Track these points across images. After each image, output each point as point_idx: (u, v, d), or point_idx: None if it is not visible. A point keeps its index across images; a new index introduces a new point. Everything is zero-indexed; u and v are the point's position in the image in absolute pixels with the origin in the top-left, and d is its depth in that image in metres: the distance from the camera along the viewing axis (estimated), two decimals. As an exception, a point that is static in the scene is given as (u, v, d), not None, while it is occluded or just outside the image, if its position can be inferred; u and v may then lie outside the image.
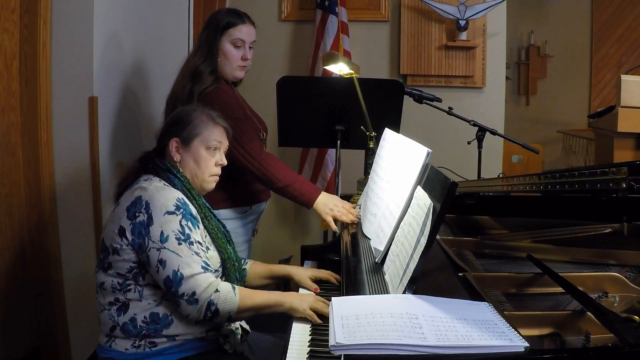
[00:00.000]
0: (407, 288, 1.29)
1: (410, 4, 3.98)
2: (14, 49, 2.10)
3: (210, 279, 1.56)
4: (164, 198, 1.59)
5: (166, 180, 1.67)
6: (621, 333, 1.08)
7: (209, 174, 1.76)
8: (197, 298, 1.53)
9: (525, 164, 4.94)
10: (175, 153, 1.72)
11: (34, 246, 2.21)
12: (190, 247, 1.56)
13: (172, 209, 1.58)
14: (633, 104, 2.72)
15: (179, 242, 1.55)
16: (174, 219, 1.57)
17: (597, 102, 5.74)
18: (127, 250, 1.58)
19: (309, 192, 2.16)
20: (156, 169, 1.69)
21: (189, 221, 1.60)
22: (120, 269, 1.59)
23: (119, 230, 1.58)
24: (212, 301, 1.53)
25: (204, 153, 1.74)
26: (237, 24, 2.24)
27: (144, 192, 1.60)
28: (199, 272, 1.55)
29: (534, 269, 1.55)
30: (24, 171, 2.17)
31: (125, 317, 1.59)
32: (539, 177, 1.51)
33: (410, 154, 1.64)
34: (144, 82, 2.79)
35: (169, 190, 1.63)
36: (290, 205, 3.90)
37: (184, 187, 1.68)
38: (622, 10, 5.69)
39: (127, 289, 1.60)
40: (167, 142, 1.73)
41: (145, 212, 1.57)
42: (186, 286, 1.53)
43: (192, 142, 1.73)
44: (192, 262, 1.55)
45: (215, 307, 1.53)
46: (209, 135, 1.74)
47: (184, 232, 1.57)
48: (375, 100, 2.49)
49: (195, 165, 1.73)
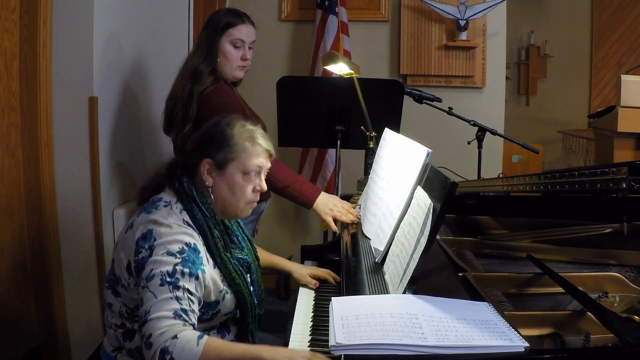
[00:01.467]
0: (407, 288, 1.29)
1: (410, 4, 3.98)
2: (14, 49, 2.10)
3: (171, 322, 1.31)
4: (172, 239, 1.43)
5: (188, 212, 1.50)
6: (621, 333, 1.08)
7: (244, 202, 1.57)
8: (151, 342, 1.29)
9: (525, 164, 4.94)
10: (207, 177, 1.53)
11: (34, 246, 2.21)
12: (172, 291, 1.36)
13: (174, 251, 1.41)
14: (633, 104, 2.72)
15: (161, 284, 1.36)
16: (171, 260, 1.39)
17: (597, 102, 5.74)
18: (134, 289, 1.46)
19: (309, 192, 2.16)
20: (181, 192, 1.52)
21: (187, 268, 1.40)
22: (127, 303, 1.51)
23: (127, 265, 1.48)
24: (167, 349, 1.26)
25: (240, 180, 1.54)
26: (236, 24, 2.24)
27: (157, 227, 1.45)
28: (165, 317, 1.32)
29: (534, 269, 1.56)
30: (24, 171, 2.17)
31: (131, 344, 1.52)
32: (539, 177, 1.51)
33: (410, 154, 1.64)
34: (144, 82, 2.79)
35: (184, 231, 1.46)
36: (290, 205, 3.89)
37: (206, 224, 1.51)
38: (622, 10, 5.69)
39: (134, 319, 1.49)
40: (199, 161, 1.53)
41: (149, 248, 1.42)
42: (146, 327, 1.31)
43: (227, 167, 1.53)
44: (165, 304, 1.33)
45: (170, 356, 1.26)
46: (248, 160, 1.53)
47: (174, 275, 1.38)
48: (375, 100, 2.49)
49: (229, 193, 1.54)
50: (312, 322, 1.57)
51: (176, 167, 1.58)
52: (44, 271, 2.24)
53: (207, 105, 2.16)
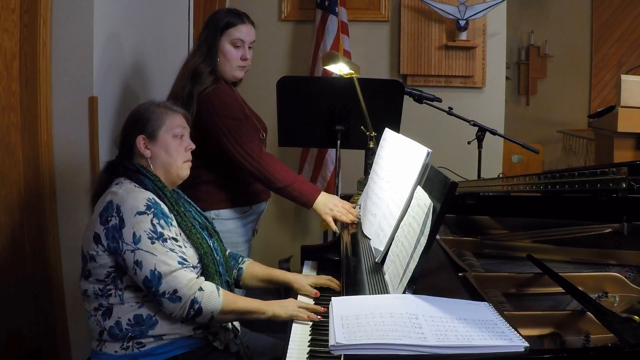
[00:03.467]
0: (407, 288, 1.29)
1: (410, 4, 3.98)
2: (14, 49, 2.10)
3: (190, 275, 1.56)
4: (134, 199, 1.59)
5: (137, 182, 1.67)
6: (621, 333, 1.08)
7: (181, 160, 1.76)
8: (179, 296, 1.53)
9: (525, 164, 4.94)
10: (145, 149, 1.71)
11: (34, 246, 2.21)
12: (164, 245, 1.56)
13: (142, 209, 1.58)
14: (633, 104, 2.72)
15: (152, 241, 1.55)
16: (145, 218, 1.57)
17: (597, 102, 5.74)
18: (103, 255, 1.58)
19: (309, 192, 2.16)
20: (126, 171, 1.69)
21: (161, 219, 1.59)
22: (98, 276, 1.60)
23: (94, 237, 1.59)
24: (196, 299, 1.54)
25: (171, 141, 1.74)
26: (236, 24, 2.24)
27: (114, 196, 1.60)
28: (177, 268, 1.55)
29: (534, 269, 1.56)
30: (24, 171, 2.17)
31: (110, 321, 1.60)
32: (539, 177, 1.51)
33: (410, 154, 1.64)
34: (144, 82, 2.79)
35: (139, 191, 1.63)
36: (290, 205, 3.90)
37: (155, 186, 1.67)
38: (622, 10, 5.69)
39: (108, 294, 1.60)
40: (133, 141, 1.72)
41: (117, 215, 1.57)
42: (166, 284, 1.53)
43: (158, 134, 1.72)
44: (168, 259, 1.55)
45: (198, 305, 1.54)
46: (172, 123, 1.75)
47: (156, 230, 1.57)
48: (375, 100, 2.49)
49: (166, 155, 1.73)
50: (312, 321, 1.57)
51: (113, 164, 1.74)
52: (44, 271, 2.24)
53: (207, 105, 2.16)
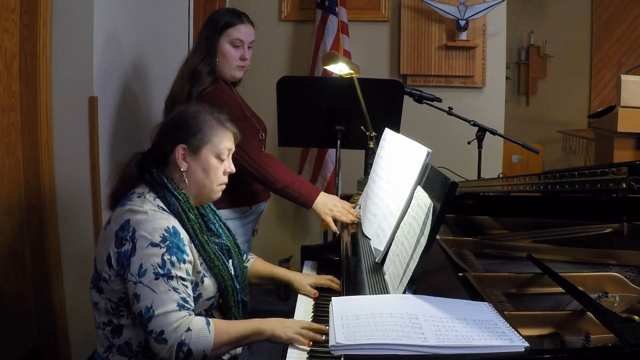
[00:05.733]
0: (407, 288, 1.29)
1: (410, 4, 3.98)
2: (14, 49, 2.10)
3: (181, 315, 1.43)
4: (151, 227, 1.47)
5: (162, 199, 1.56)
6: (621, 333, 1.08)
7: (217, 183, 1.65)
8: (165, 337, 1.40)
9: (525, 164, 4.94)
10: (182, 161, 1.59)
11: (34, 246, 2.21)
12: (168, 282, 1.44)
13: (157, 240, 1.46)
14: (633, 104, 2.72)
15: (156, 277, 1.43)
16: (157, 251, 1.45)
17: (597, 102, 5.74)
18: (116, 281, 1.50)
19: (309, 193, 2.16)
20: (152, 182, 1.58)
21: (173, 255, 1.47)
22: (110, 297, 1.53)
23: (107, 258, 1.50)
24: (184, 341, 1.40)
25: (213, 162, 1.62)
26: (235, 24, 2.24)
27: (133, 215, 1.49)
28: (172, 310, 1.42)
29: (534, 269, 1.56)
30: (24, 171, 2.17)
31: (120, 340, 1.53)
32: (539, 177, 1.51)
33: (410, 154, 1.64)
34: (144, 82, 2.79)
35: (161, 217, 1.51)
36: (290, 205, 3.89)
37: (181, 208, 1.56)
38: (622, 10, 5.69)
39: (120, 314, 1.53)
40: (172, 149, 1.59)
41: (131, 240, 1.47)
42: (154, 323, 1.41)
43: (201, 150, 1.60)
44: (167, 298, 1.43)
45: (187, 347, 1.40)
46: (220, 143, 1.62)
47: (165, 266, 1.45)
48: (375, 100, 2.49)
49: (204, 175, 1.61)
50: (312, 321, 1.56)
51: (146, 161, 1.63)
52: (44, 271, 2.24)
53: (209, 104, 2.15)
